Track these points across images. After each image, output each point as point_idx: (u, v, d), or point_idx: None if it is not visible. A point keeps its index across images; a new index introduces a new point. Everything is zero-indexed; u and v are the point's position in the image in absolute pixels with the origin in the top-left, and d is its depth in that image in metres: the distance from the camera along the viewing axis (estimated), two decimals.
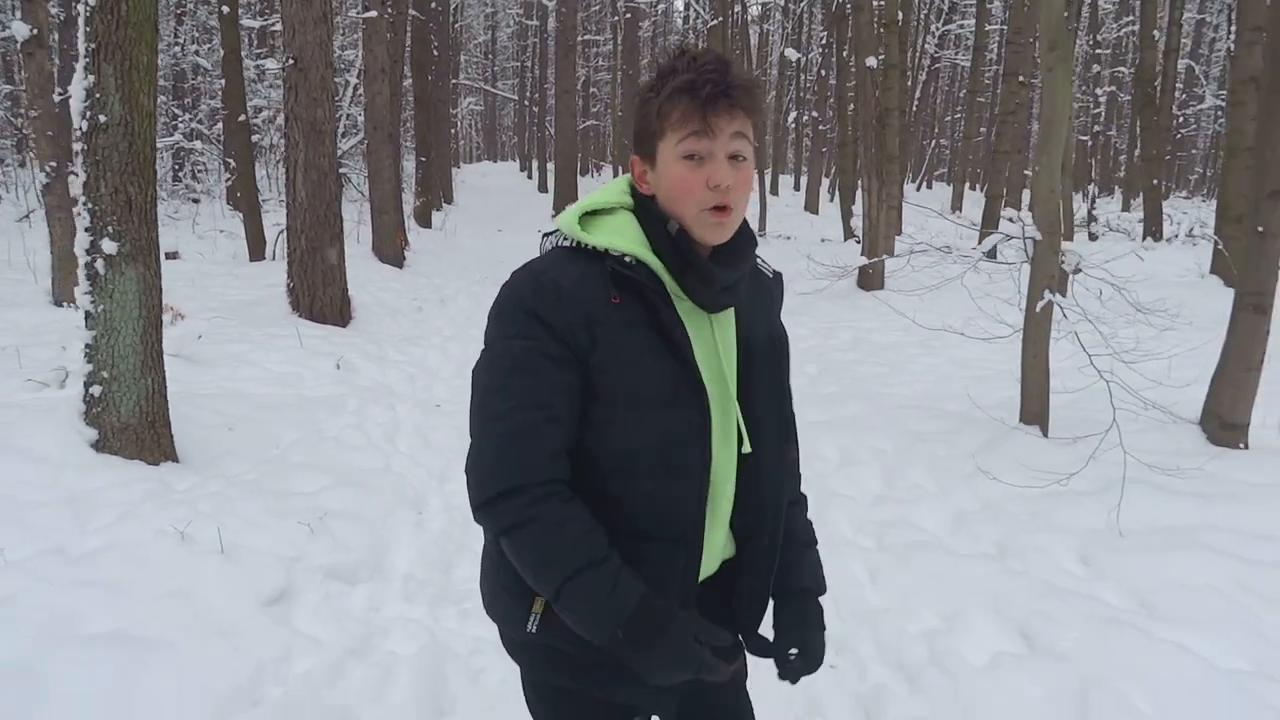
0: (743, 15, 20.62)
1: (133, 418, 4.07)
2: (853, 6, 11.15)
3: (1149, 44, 16.93)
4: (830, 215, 22.60)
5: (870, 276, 10.97)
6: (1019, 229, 4.78)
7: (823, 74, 27.07)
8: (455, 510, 4.29)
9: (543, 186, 30.73)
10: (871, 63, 10.72)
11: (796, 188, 34.25)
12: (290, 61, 7.74)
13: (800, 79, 31.58)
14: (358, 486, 4.29)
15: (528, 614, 1.45)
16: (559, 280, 1.38)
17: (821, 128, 27.84)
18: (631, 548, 1.41)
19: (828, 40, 23.06)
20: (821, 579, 1.70)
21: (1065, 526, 4.02)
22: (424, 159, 18.23)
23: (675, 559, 1.45)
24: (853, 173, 17.64)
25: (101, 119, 3.88)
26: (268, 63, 20.53)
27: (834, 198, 24.50)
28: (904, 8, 13.69)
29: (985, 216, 14.63)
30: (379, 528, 3.99)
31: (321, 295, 8.08)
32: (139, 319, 4.04)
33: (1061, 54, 4.50)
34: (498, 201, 25.76)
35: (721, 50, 18.86)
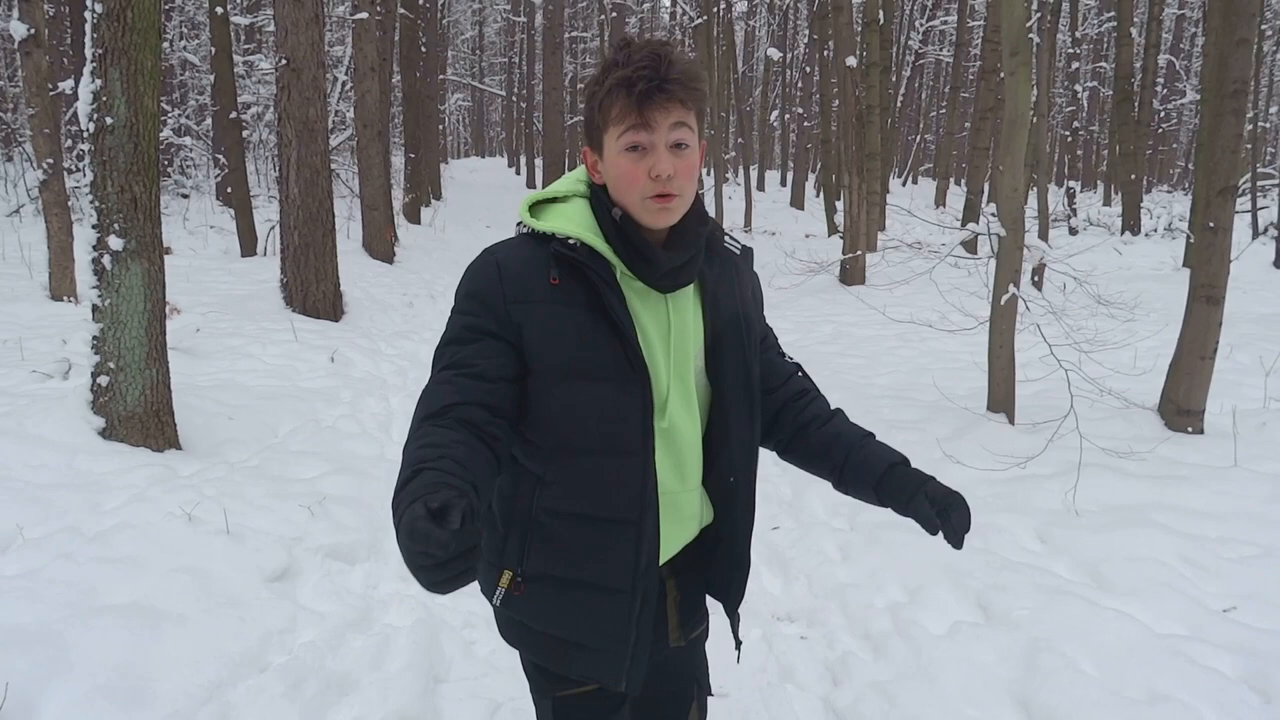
0: (728, 14, 20.77)
1: (138, 406, 4.26)
2: (832, 7, 11.36)
3: (1126, 40, 17.21)
4: (816, 211, 22.82)
5: (852, 272, 11.20)
6: (984, 225, 5.00)
7: (807, 70, 27.30)
8: None
9: (531, 182, 30.91)
10: (851, 62, 10.96)
11: (783, 183, 34.45)
12: (283, 62, 7.92)
13: (786, 75, 31.80)
14: (354, 472, 4.49)
15: (495, 587, 1.54)
16: (504, 262, 1.49)
17: (807, 124, 28.05)
18: (580, 531, 1.50)
19: (811, 38, 23.27)
20: (897, 453, 1.67)
21: (1025, 507, 4.25)
22: (413, 155, 18.36)
23: (624, 540, 1.50)
24: (836, 169, 17.87)
25: (108, 121, 4.06)
26: (256, 58, 20.64)
27: (820, 194, 24.73)
28: (885, 7, 13.89)
29: (966, 212, 14.89)
30: (376, 511, 4.19)
31: (314, 290, 8.26)
32: (144, 312, 4.22)
33: (1023, 59, 4.73)
34: (486, 197, 25.87)
35: (706, 48, 19.12)
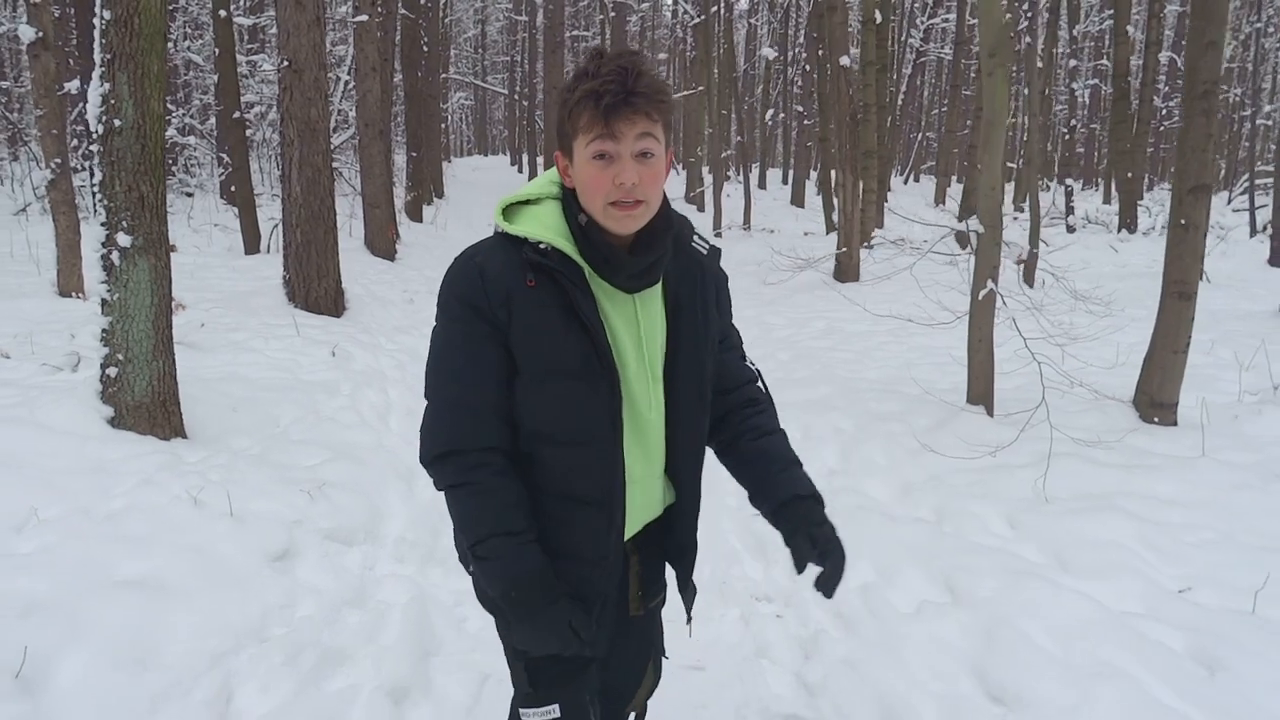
0: (728, 13, 20.91)
1: (146, 397, 4.44)
2: (827, 7, 11.51)
3: (1123, 39, 17.32)
4: (816, 209, 22.95)
5: (846, 269, 11.36)
6: (963, 223, 5.16)
7: (807, 69, 27.42)
8: None
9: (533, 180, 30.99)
10: (845, 61, 11.11)
11: (784, 181, 34.56)
12: (285, 63, 8.09)
13: (787, 73, 31.90)
14: (353, 460, 4.67)
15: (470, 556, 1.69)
16: (485, 266, 1.56)
17: (807, 122, 28.16)
18: (557, 508, 1.63)
19: (810, 36, 23.40)
20: (810, 487, 1.77)
21: (998, 494, 4.41)
22: (415, 154, 18.52)
23: (597, 519, 1.64)
24: (832, 167, 18.01)
25: (116, 123, 4.23)
26: (259, 58, 20.81)
27: (819, 191, 24.88)
28: (882, 6, 14.03)
29: (962, 210, 15.03)
30: (373, 497, 4.36)
31: (316, 287, 8.43)
32: (151, 306, 4.39)
33: (1000, 59, 4.88)
34: (489, 195, 25.99)
35: (706, 46, 19.22)
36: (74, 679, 2.57)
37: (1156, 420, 5.10)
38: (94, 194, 4.42)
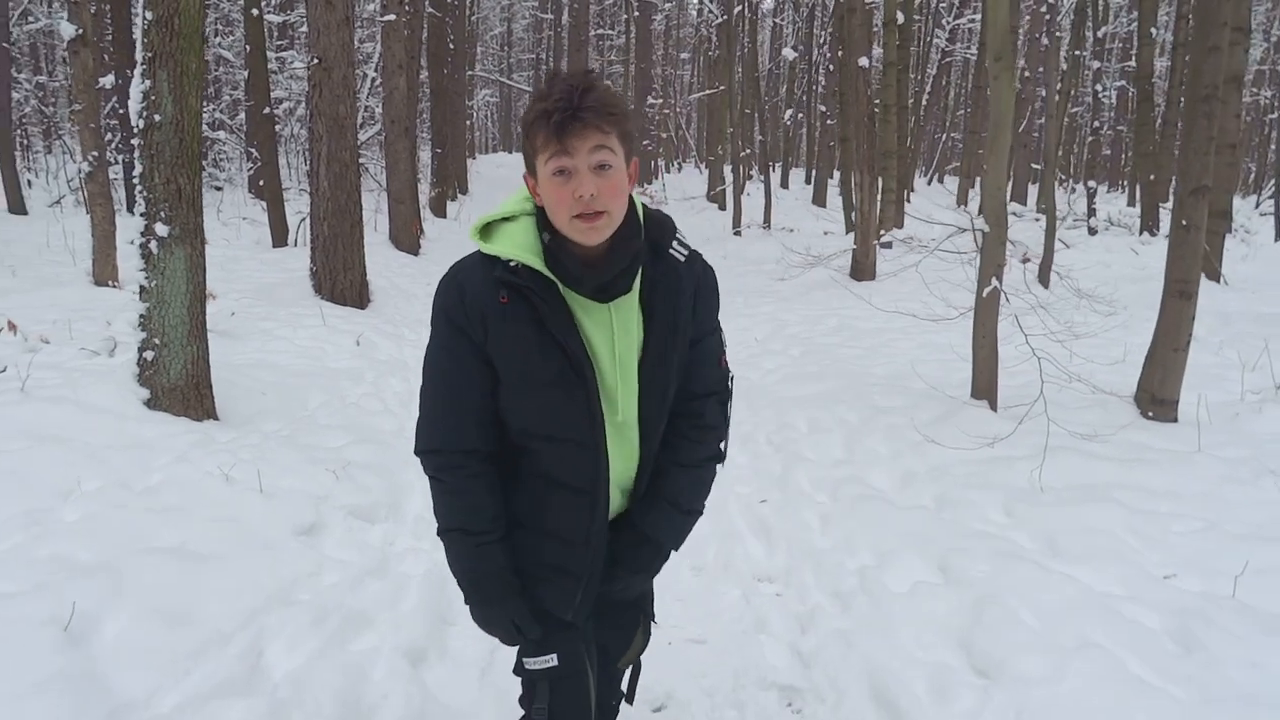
0: (752, 14, 21.02)
1: (180, 379, 4.67)
2: (846, 9, 11.63)
3: (1146, 40, 17.28)
4: (837, 208, 23.02)
5: (862, 267, 11.48)
6: (969, 222, 5.30)
7: (830, 69, 27.48)
8: None
9: None
10: (863, 62, 11.23)
11: (807, 181, 34.59)
12: (315, 61, 8.33)
13: (811, 73, 31.93)
14: (376, 443, 4.88)
15: None
16: (464, 284, 1.67)
17: (830, 122, 28.22)
18: (546, 491, 1.78)
19: (832, 35, 23.47)
20: (663, 531, 1.90)
21: (996, 484, 4.55)
22: (440, 150, 18.77)
23: (580, 504, 1.77)
24: (853, 167, 18.08)
25: (156, 118, 4.46)
26: (288, 55, 21.14)
27: (841, 192, 24.92)
28: (905, 7, 14.12)
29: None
30: (395, 478, 4.57)
31: (342, 279, 8.68)
32: (186, 293, 4.62)
33: (1006, 64, 5.02)
34: (512, 192, 26.06)
35: (729, 45, 19.32)
36: (118, 633, 2.78)
37: (1156, 416, 5.22)
38: (133, 186, 4.65)
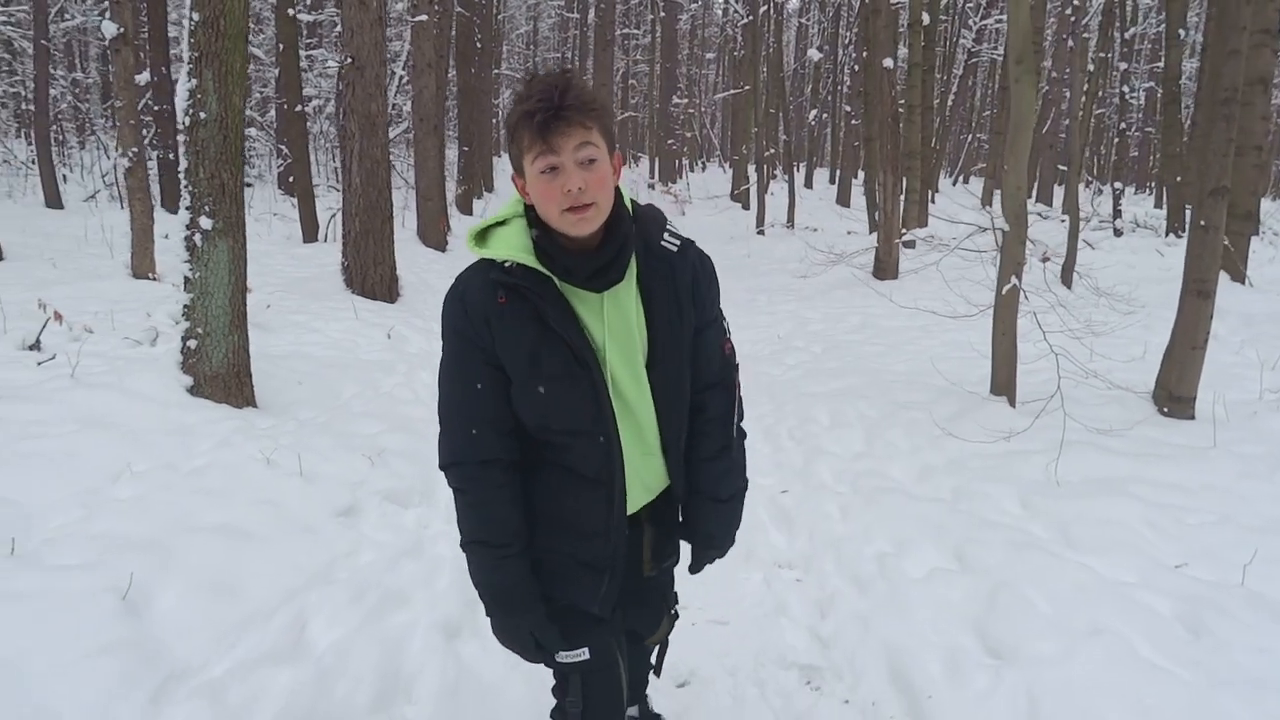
0: (777, 14, 21.09)
1: (222, 368, 4.84)
2: (870, 10, 11.71)
3: (1174, 42, 17.21)
4: (861, 208, 23.06)
5: (885, 266, 11.55)
6: (989, 221, 5.39)
7: (855, 69, 27.49)
8: None
9: None
10: (888, 63, 11.30)
11: (832, 181, 34.61)
12: (349, 60, 8.51)
13: (836, 73, 31.96)
14: (409, 431, 5.03)
15: None
16: (466, 293, 1.72)
17: (854, 123, 28.23)
18: (564, 484, 1.83)
19: (857, 35, 23.49)
20: (712, 524, 2.06)
21: (1013, 478, 4.65)
22: (466, 148, 18.97)
23: (597, 496, 1.82)
24: (877, 167, 18.14)
25: (201, 116, 4.62)
26: (317, 53, 21.42)
27: (866, 192, 24.95)
28: (930, 8, 14.16)
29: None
30: (428, 465, 4.71)
31: (373, 274, 8.85)
32: (229, 284, 4.79)
33: (1028, 66, 5.09)
34: None
35: (754, 46, 19.39)
36: (171, 604, 2.94)
37: (1173, 413, 5.29)
38: (179, 180, 4.82)
